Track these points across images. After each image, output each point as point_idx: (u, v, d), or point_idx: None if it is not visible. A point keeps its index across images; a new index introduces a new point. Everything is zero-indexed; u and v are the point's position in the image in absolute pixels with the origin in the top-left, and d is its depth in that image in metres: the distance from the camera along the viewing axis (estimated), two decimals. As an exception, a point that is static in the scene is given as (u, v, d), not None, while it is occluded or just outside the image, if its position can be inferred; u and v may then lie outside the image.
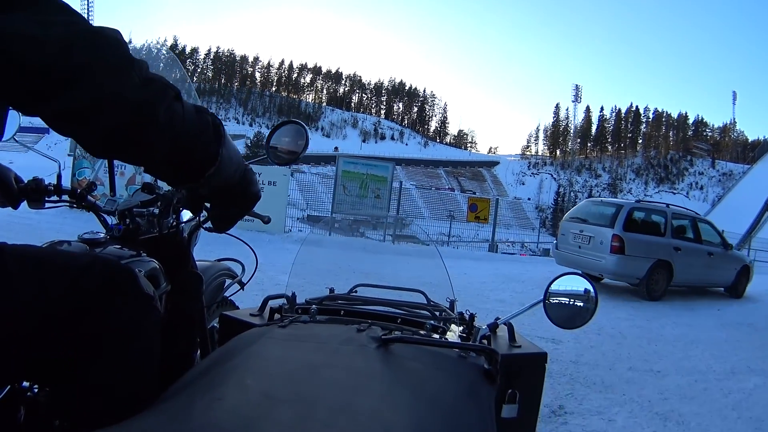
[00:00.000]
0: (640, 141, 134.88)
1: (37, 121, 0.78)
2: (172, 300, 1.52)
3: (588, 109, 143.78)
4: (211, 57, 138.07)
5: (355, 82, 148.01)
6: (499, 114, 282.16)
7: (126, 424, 0.71)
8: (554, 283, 1.54)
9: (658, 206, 10.27)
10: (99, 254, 1.25)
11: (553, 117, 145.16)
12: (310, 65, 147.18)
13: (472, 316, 1.47)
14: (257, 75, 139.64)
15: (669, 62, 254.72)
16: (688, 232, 10.03)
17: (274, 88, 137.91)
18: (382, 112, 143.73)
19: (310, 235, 12.61)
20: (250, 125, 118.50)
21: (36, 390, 1.08)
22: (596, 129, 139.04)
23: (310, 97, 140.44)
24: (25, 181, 1.44)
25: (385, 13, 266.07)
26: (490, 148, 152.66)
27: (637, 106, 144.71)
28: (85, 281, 0.97)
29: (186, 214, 1.74)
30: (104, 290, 0.99)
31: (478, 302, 6.79)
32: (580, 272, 1.64)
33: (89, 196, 1.61)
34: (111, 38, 0.73)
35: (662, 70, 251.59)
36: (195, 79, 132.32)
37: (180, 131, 0.81)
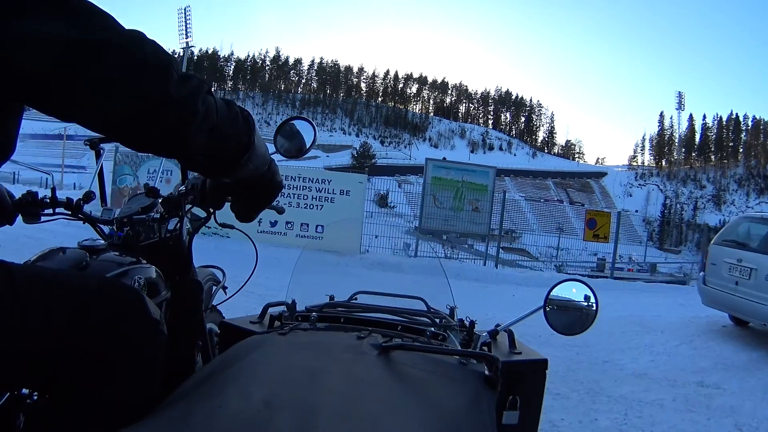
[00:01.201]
0: (741, 150, 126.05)
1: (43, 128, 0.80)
2: (172, 307, 1.52)
3: (691, 118, 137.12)
4: (315, 68, 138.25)
5: (462, 92, 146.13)
6: (605, 123, 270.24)
7: (127, 431, 0.73)
8: (554, 289, 1.52)
9: None
10: (108, 277, 1.24)
11: (658, 126, 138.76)
12: (416, 75, 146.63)
13: (472, 323, 1.46)
14: (363, 85, 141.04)
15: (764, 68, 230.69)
16: None
17: (380, 99, 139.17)
18: (490, 122, 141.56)
19: (387, 257, 11.66)
20: (357, 135, 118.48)
21: (36, 397, 1.07)
22: (699, 138, 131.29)
23: (417, 107, 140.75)
24: (16, 197, 1.40)
25: (488, 22, 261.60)
26: (598, 159, 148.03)
27: (737, 114, 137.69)
28: (93, 306, 0.97)
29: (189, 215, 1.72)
30: (112, 315, 0.99)
31: (608, 383, 4.64)
32: (580, 278, 1.62)
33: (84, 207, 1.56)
34: (148, 39, 0.76)
35: (759, 75, 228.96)
36: (300, 89, 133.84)
37: (215, 123, 0.84)
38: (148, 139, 0.79)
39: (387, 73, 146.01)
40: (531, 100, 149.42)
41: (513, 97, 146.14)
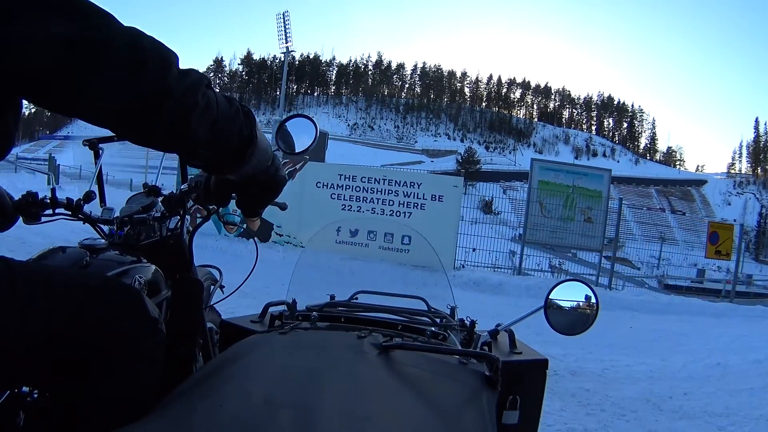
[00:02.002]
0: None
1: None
2: (172, 306, 1.52)
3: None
4: (418, 73, 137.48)
5: (565, 97, 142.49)
6: (703, 129, 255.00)
7: (126, 430, 0.73)
8: (555, 290, 1.51)
9: None
10: (108, 276, 1.25)
11: (753, 132, 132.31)
12: (519, 80, 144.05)
13: (472, 323, 1.46)
14: (466, 90, 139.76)
15: None
16: None
17: (484, 103, 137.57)
18: (593, 127, 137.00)
19: (487, 274, 10.21)
20: (461, 141, 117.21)
21: (36, 395, 1.07)
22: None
23: (520, 113, 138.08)
24: (15, 198, 1.39)
25: (589, 26, 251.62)
26: (698, 166, 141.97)
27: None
28: (93, 304, 0.97)
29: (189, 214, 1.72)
30: (111, 314, 0.99)
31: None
32: (580, 279, 1.61)
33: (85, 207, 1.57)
34: (147, 35, 0.77)
35: None
36: (403, 94, 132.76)
37: (216, 116, 0.85)
38: (151, 134, 0.80)
39: (490, 77, 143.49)
40: (632, 105, 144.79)
41: (615, 102, 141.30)
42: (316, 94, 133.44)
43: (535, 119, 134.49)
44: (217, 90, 0.87)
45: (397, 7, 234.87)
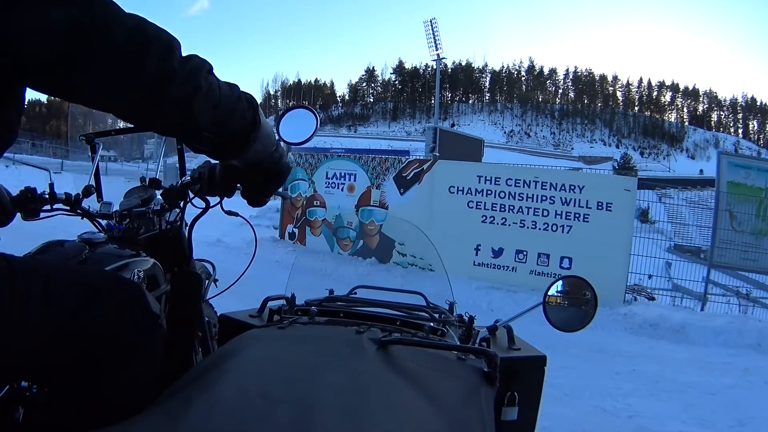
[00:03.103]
0: None
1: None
2: (171, 300, 1.52)
3: None
4: (570, 78, 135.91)
5: (712, 99, 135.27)
6: None
7: (124, 425, 0.73)
8: (553, 286, 1.52)
9: None
10: (109, 271, 1.25)
11: None
12: (668, 82, 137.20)
13: (471, 319, 1.46)
14: (618, 94, 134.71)
15: None
16: None
17: (636, 108, 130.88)
18: (740, 130, 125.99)
19: (668, 311, 7.15)
20: (617, 147, 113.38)
21: (35, 390, 1.08)
22: None
23: (671, 116, 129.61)
24: (13, 194, 1.39)
25: (729, 25, 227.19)
26: None
27: None
28: (94, 300, 0.97)
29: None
30: (112, 310, 1.00)
31: None
32: (579, 276, 1.58)
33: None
34: (150, 22, 0.77)
35: None
36: (558, 100, 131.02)
37: (218, 101, 0.86)
38: (155, 118, 0.81)
39: (640, 80, 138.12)
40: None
41: (758, 104, 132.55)
42: (471, 101, 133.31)
43: (686, 123, 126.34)
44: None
45: (542, 10, 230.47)
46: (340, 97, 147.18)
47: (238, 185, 1.26)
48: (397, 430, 0.75)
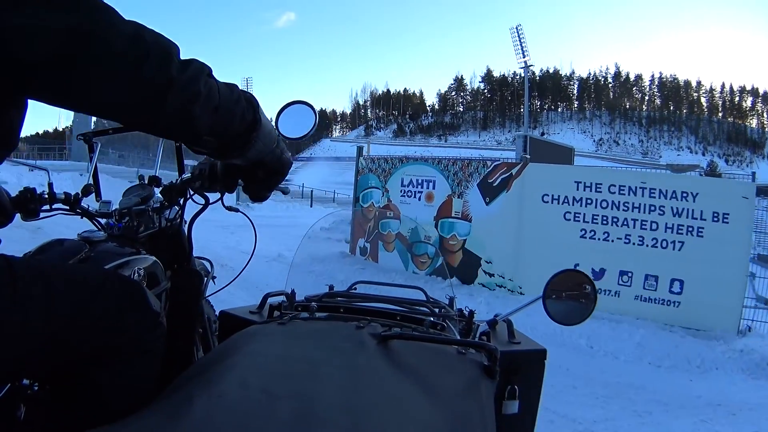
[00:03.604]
0: None
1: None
2: (171, 297, 1.52)
3: None
4: (656, 84, 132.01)
5: None
6: None
7: (126, 422, 0.73)
8: (553, 280, 1.53)
9: None
10: (109, 269, 1.26)
11: None
12: (748, 87, 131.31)
13: (471, 313, 1.47)
14: (702, 101, 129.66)
15: None
16: None
17: (720, 114, 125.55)
18: None
19: None
20: (703, 154, 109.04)
21: (36, 388, 1.08)
22: None
23: (753, 122, 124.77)
24: (12, 195, 1.38)
25: None
26: None
27: None
28: (95, 300, 0.98)
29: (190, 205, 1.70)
30: (113, 309, 1.00)
31: None
32: (578, 269, 1.62)
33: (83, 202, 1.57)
34: (148, 28, 0.78)
35: None
36: (644, 107, 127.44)
37: (218, 103, 0.87)
38: (156, 123, 0.82)
39: (723, 86, 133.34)
40: None
41: None
42: (560, 109, 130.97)
43: (767, 128, 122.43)
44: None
45: (625, 15, 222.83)
46: (429, 106, 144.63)
47: (240, 181, 1.26)
48: (398, 424, 0.75)
